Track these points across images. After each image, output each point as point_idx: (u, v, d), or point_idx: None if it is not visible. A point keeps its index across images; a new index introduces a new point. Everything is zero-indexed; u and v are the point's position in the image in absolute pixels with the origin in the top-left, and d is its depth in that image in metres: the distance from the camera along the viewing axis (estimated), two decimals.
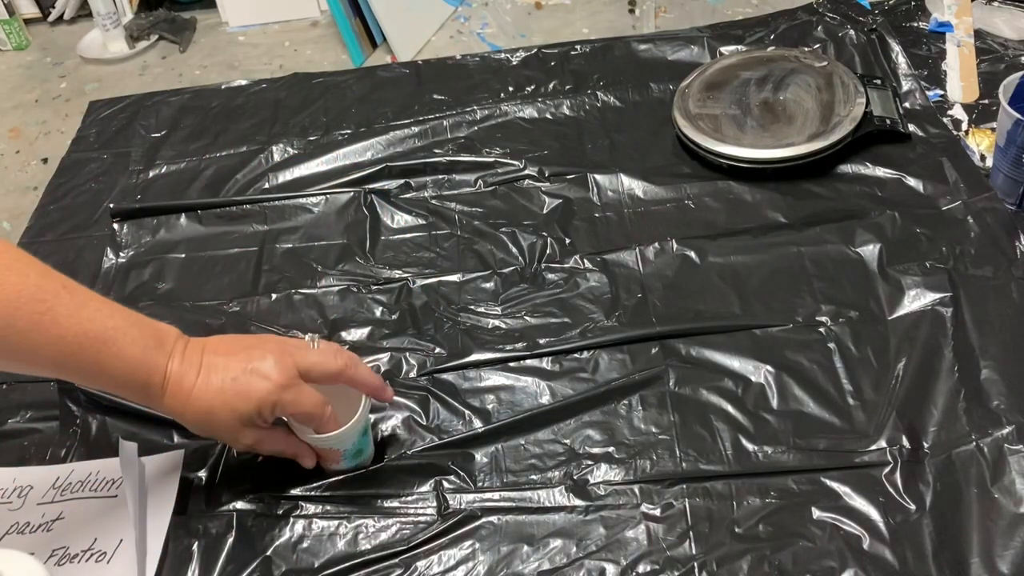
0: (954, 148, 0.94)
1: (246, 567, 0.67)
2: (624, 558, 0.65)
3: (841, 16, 1.14)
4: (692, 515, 0.67)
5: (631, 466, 0.70)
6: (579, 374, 0.78)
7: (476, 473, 0.71)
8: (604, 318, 0.82)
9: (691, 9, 1.29)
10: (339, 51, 1.31)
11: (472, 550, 0.66)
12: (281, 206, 0.98)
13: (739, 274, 0.84)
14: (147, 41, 1.38)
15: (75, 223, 1.01)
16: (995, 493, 0.65)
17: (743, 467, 0.69)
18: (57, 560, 0.67)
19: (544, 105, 1.07)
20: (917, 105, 1.00)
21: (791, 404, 0.73)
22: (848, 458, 0.69)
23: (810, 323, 0.79)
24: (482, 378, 0.78)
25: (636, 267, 0.86)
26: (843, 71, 1.00)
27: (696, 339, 0.79)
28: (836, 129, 0.93)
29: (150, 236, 0.97)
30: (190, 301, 0.89)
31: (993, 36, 1.11)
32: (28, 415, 0.80)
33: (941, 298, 0.79)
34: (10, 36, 1.41)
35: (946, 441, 0.69)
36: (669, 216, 0.91)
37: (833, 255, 0.85)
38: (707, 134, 0.95)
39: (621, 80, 1.09)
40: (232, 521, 0.69)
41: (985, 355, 0.74)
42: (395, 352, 0.81)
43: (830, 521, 0.65)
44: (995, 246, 0.83)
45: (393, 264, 0.90)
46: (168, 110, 1.15)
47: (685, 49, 1.13)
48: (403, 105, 1.10)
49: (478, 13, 1.36)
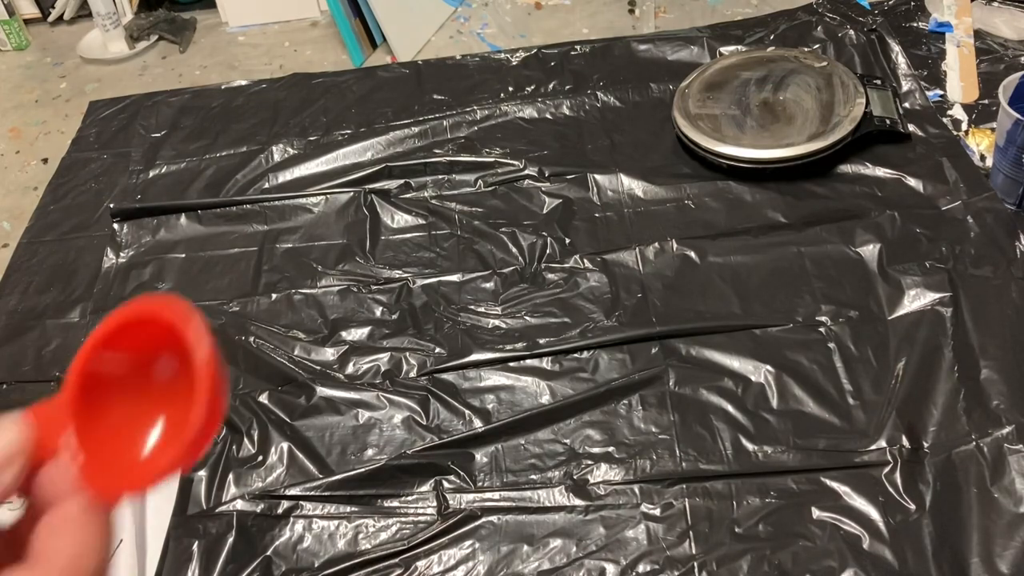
0: (954, 148, 0.94)
1: (246, 567, 0.67)
2: (624, 558, 0.65)
3: (841, 16, 1.14)
4: (692, 515, 0.67)
5: (631, 466, 0.70)
6: (579, 374, 0.78)
7: (476, 473, 0.71)
8: (604, 318, 0.82)
9: (691, 9, 1.29)
10: (339, 51, 1.31)
11: (472, 550, 0.66)
12: (281, 206, 0.98)
13: (739, 274, 0.84)
14: (147, 41, 1.38)
15: (75, 223, 1.01)
16: (995, 493, 0.65)
17: (743, 467, 0.69)
18: None
19: (544, 105, 1.07)
20: (917, 105, 1.00)
21: (791, 404, 0.73)
22: (848, 458, 0.69)
23: (810, 323, 0.79)
24: (482, 378, 0.78)
25: (636, 267, 0.86)
26: (843, 71, 1.00)
27: (696, 339, 0.79)
28: (836, 129, 0.93)
29: (150, 236, 0.97)
30: (190, 301, 0.88)
31: (993, 36, 1.11)
32: None
33: (941, 298, 0.79)
34: (10, 36, 1.41)
35: (946, 441, 0.69)
36: (669, 216, 0.91)
37: (833, 255, 0.85)
38: (707, 134, 0.95)
39: (621, 80, 1.09)
40: (232, 521, 0.69)
41: (985, 355, 0.74)
42: (395, 352, 0.81)
43: (830, 521, 0.65)
44: (995, 246, 0.83)
45: (393, 264, 0.90)
46: (168, 110, 1.15)
47: (685, 49, 1.13)
48: (403, 105, 1.10)
49: (478, 13, 1.36)
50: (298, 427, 0.76)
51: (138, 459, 0.29)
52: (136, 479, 0.29)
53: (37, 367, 0.84)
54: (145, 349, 0.30)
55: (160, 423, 0.30)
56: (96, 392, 0.30)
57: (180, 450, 0.28)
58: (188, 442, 0.28)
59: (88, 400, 0.30)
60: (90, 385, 0.30)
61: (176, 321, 0.30)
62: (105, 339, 0.29)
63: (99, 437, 0.29)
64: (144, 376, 0.30)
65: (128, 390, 0.30)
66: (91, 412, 0.30)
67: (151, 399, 0.30)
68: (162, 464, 0.29)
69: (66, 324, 0.88)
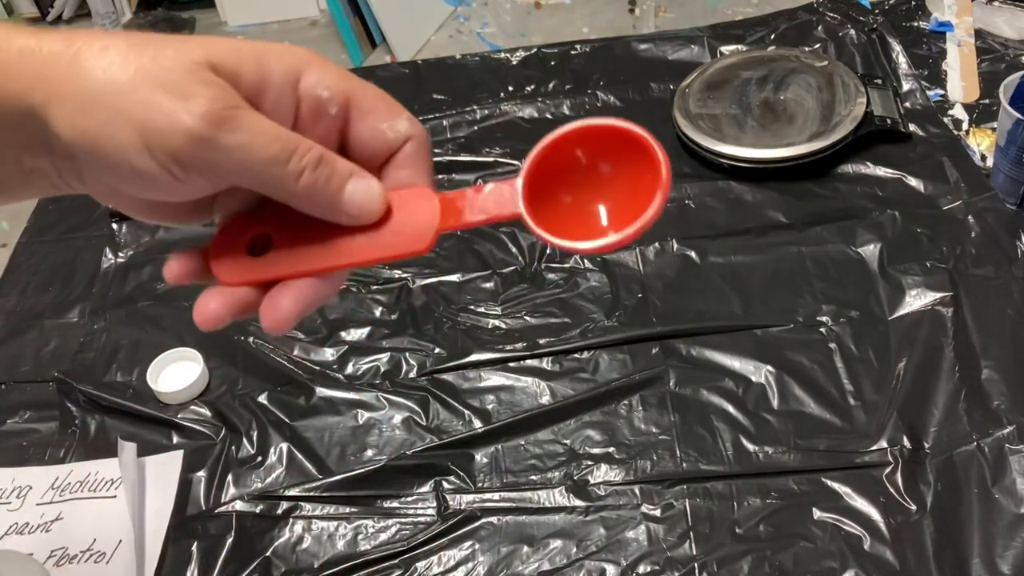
0: (955, 148, 0.94)
1: (246, 567, 0.66)
2: (624, 559, 0.65)
3: (842, 16, 1.14)
4: (692, 516, 0.67)
5: (631, 466, 0.70)
6: (579, 374, 0.77)
7: (476, 473, 0.71)
8: (604, 318, 0.82)
9: (691, 8, 1.29)
10: (338, 51, 1.31)
11: (472, 551, 0.66)
12: None
13: (740, 274, 0.84)
14: None
15: (74, 223, 1.00)
16: (996, 493, 0.65)
17: (744, 467, 0.69)
18: (56, 561, 0.67)
19: (544, 105, 1.07)
20: (918, 105, 1.00)
21: (792, 404, 0.73)
22: (849, 458, 0.69)
23: (811, 323, 0.79)
24: (482, 378, 0.78)
25: (636, 267, 0.86)
26: (844, 71, 1.00)
27: (697, 339, 0.78)
28: (837, 129, 0.92)
29: (149, 236, 0.97)
30: (190, 301, 0.88)
31: (994, 36, 1.11)
32: (27, 415, 0.80)
33: (942, 298, 0.79)
34: None
35: (947, 441, 0.69)
36: (669, 216, 0.91)
37: (834, 255, 0.84)
38: (707, 134, 0.95)
39: (621, 80, 1.09)
40: (232, 521, 0.69)
41: (986, 355, 0.74)
42: (395, 352, 0.81)
43: (831, 522, 0.65)
44: (996, 246, 0.83)
45: (392, 264, 0.90)
46: None
47: (685, 49, 1.13)
48: (402, 105, 1.10)
49: (478, 12, 1.36)
50: (297, 427, 0.76)
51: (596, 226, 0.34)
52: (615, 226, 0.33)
53: (36, 367, 0.84)
54: (591, 150, 0.34)
55: (603, 210, 0.34)
56: (546, 184, 0.33)
57: (656, 202, 0.33)
58: (659, 198, 0.33)
59: (540, 189, 0.33)
60: (541, 176, 0.33)
61: (621, 125, 0.34)
62: (563, 139, 0.33)
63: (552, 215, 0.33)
64: (588, 172, 0.34)
65: (573, 184, 0.34)
66: (543, 197, 0.33)
67: (593, 191, 0.34)
68: (641, 217, 0.33)
69: (65, 324, 0.88)
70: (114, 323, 0.87)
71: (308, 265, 0.33)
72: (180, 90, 0.29)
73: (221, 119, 0.29)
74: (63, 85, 0.30)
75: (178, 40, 0.31)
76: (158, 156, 0.29)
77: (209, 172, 0.30)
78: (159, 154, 0.29)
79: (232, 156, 0.30)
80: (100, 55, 0.30)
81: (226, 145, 0.29)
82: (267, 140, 0.30)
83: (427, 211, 0.33)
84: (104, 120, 0.29)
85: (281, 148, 0.31)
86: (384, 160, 0.34)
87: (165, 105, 0.29)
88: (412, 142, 0.34)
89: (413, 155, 0.34)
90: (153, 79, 0.29)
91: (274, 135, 0.31)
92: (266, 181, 0.31)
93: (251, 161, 0.30)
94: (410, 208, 0.33)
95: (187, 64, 0.30)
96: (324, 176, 0.32)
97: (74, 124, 0.30)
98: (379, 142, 0.34)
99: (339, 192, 0.32)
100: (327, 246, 0.33)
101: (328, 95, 0.33)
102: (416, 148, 0.34)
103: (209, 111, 0.29)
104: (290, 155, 0.31)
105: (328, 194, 0.32)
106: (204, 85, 0.30)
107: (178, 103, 0.29)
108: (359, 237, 0.33)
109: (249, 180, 0.31)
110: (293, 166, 0.31)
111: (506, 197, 0.32)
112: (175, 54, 0.30)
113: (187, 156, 0.29)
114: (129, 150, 0.29)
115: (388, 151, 0.34)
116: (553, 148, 0.33)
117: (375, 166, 0.34)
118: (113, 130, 0.29)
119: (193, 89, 0.29)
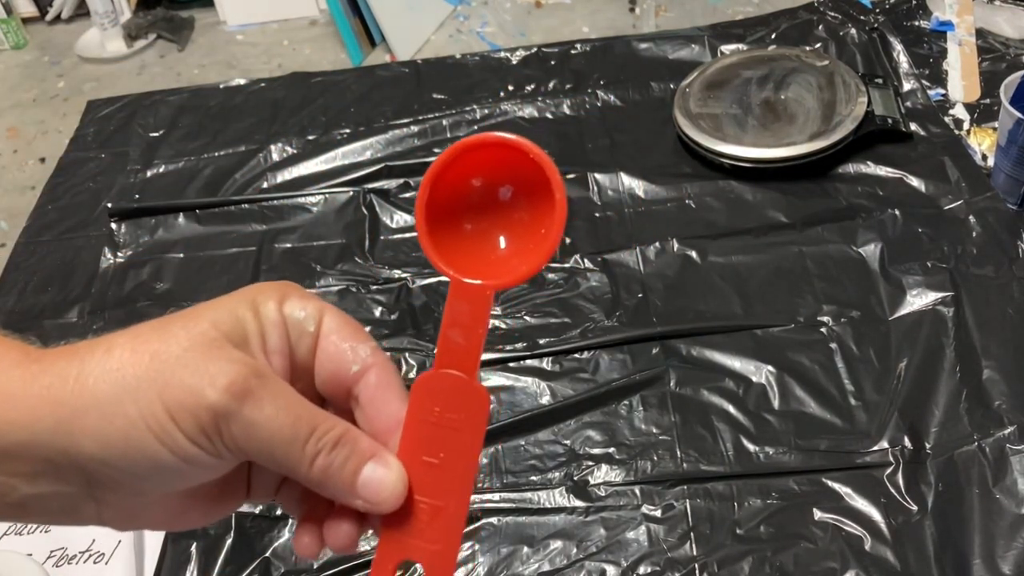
0: (955, 147, 0.93)
1: (245, 568, 0.66)
2: (625, 559, 0.65)
3: (842, 15, 1.14)
4: (693, 516, 0.67)
5: (632, 467, 0.70)
6: (579, 374, 0.77)
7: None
8: (604, 318, 0.81)
9: (692, 8, 1.29)
10: (338, 50, 1.31)
11: (472, 551, 0.66)
12: (280, 206, 0.98)
13: (740, 274, 0.84)
14: (145, 40, 1.38)
15: (73, 223, 1.00)
16: (997, 494, 0.65)
17: (744, 468, 0.69)
18: (55, 561, 0.67)
19: (544, 104, 1.07)
20: (919, 104, 1.00)
21: (792, 404, 0.73)
22: (850, 459, 0.69)
23: (811, 323, 0.79)
24: (482, 378, 0.78)
25: (637, 267, 0.86)
26: (844, 70, 0.99)
27: (697, 339, 0.78)
28: (837, 128, 0.92)
29: (148, 236, 0.97)
30: (189, 301, 0.88)
31: (994, 35, 1.11)
32: None
33: (943, 298, 0.79)
34: (8, 35, 1.41)
35: (948, 441, 0.69)
36: (670, 216, 0.91)
37: (834, 255, 0.84)
38: (708, 133, 0.95)
39: (621, 79, 1.09)
40: (231, 522, 0.69)
41: (987, 355, 0.73)
42: (395, 352, 0.81)
43: (831, 522, 0.65)
44: (997, 246, 0.82)
45: (393, 264, 0.90)
46: (166, 109, 1.15)
47: (686, 48, 1.12)
48: (402, 104, 1.10)
49: (478, 12, 1.36)
50: None
51: (496, 258, 0.32)
52: (502, 272, 0.32)
53: None
54: (487, 173, 0.32)
55: (502, 238, 0.33)
56: (444, 207, 0.32)
57: (548, 243, 0.31)
58: (551, 238, 0.31)
59: (438, 212, 0.32)
60: (438, 200, 0.32)
61: (520, 145, 0.31)
62: (454, 157, 0.31)
63: (452, 241, 0.32)
64: (486, 197, 0.33)
65: (471, 209, 0.33)
66: (443, 218, 0.32)
67: (492, 217, 0.33)
68: (528, 260, 0.31)
69: (64, 324, 0.88)
70: (113, 323, 0.87)
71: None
72: (200, 367, 0.30)
73: (244, 391, 0.29)
74: (78, 401, 0.30)
75: (179, 318, 0.32)
76: (188, 431, 0.29)
77: (235, 447, 0.30)
78: (188, 428, 0.29)
79: (254, 432, 0.30)
80: (106, 358, 0.31)
81: (249, 419, 0.30)
82: (289, 418, 0.30)
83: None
84: (132, 415, 0.29)
85: (302, 425, 0.31)
86: (351, 385, 0.34)
87: (188, 382, 0.29)
88: (375, 371, 0.33)
89: (378, 385, 0.33)
90: (174, 360, 0.30)
91: (296, 412, 0.31)
92: (280, 461, 0.31)
93: (272, 439, 0.30)
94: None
95: (197, 338, 0.30)
96: (340, 459, 0.31)
97: (98, 432, 0.29)
98: (344, 359, 0.33)
99: (355, 476, 0.31)
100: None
101: (305, 314, 0.33)
102: (379, 378, 0.33)
103: (232, 382, 0.29)
104: (310, 433, 0.31)
105: (343, 480, 0.31)
106: (224, 360, 0.30)
107: (202, 379, 0.29)
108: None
109: (268, 458, 0.31)
110: (310, 448, 0.31)
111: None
112: (184, 332, 0.30)
113: (214, 430, 0.29)
114: (159, 432, 0.29)
115: (351, 373, 0.33)
116: (444, 172, 0.31)
117: (344, 388, 0.34)
118: (141, 419, 0.29)
119: (213, 366, 0.30)
